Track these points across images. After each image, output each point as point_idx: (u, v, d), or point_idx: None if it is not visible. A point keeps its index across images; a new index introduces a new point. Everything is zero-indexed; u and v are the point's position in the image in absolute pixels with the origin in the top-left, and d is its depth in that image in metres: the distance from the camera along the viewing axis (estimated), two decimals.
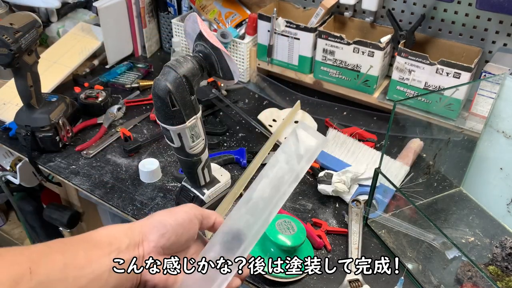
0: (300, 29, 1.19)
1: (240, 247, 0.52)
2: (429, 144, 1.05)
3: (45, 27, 1.44)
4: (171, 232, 0.49)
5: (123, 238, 0.47)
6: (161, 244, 0.49)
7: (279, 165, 0.56)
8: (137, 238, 0.48)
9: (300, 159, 0.56)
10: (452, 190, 1.00)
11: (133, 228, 0.49)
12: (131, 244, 0.47)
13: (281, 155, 0.58)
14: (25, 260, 0.39)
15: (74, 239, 0.46)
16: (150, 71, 1.40)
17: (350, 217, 0.89)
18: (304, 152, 0.57)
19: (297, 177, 0.56)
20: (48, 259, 0.41)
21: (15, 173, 1.22)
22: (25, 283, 0.37)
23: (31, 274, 0.38)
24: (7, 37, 0.90)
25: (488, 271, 0.80)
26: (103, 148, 1.09)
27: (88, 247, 0.45)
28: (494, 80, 0.94)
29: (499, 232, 0.90)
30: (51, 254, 0.41)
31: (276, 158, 0.57)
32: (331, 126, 1.14)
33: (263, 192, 0.55)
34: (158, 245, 0.49)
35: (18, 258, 0.39)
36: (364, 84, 1.17)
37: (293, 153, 0.57)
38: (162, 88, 0.70)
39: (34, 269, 0.38)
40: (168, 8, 1.46)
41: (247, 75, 1.34)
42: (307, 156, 0.57)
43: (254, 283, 0.78)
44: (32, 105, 1.03)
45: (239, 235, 0.53)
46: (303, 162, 0.56)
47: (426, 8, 1.12)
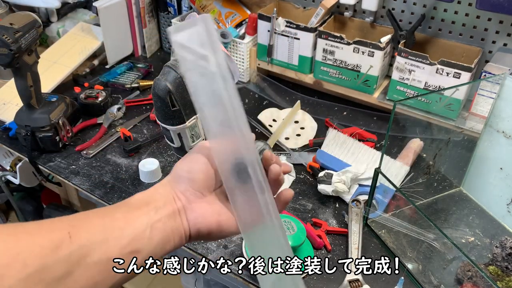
0: (300, 29, 1.19)
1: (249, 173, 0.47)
2: (429, 144, 1.05)
3: (45, 27, 1.44)
4: (198, 174, 0.48)
5: (158, 197, 0.47)
6: (194, 189, 0.48)
7: (200, 87, 0.46)
8: (170, 194, 0.48)
9: (207, 58, 0.45)
10: (452, 190, 1.00)
11: (164, 185, 0.49)
12: (167, 200, 0.47)
13: (194, 78, 0.46)
14: (64, 226, 0.40)
15: (111, 206, 0.46)
16: (150, 71, 1.40)
17: (350, 217, 0.89)
18: (204, 49, 0.45)
19: (225, 78, 0.45)
20: (87, 224, 0.41)
21: (15, 173, 1.23)
22: (66, 247, 0.38)
23: (71, 238, 0.38)
24: (7, 37, 0.90)
25: (488, 271, 0.80)
26: (103, 148, 1.09)
27: (127, 210, 0.45)
28: (494, 80, 0.94)
29: (499, 232, 0.90)
30: (90, 219, 0.42)
31: (193, 86, 0.46)
32: (331, 126, 1.14)
33: (217, 116, 0.47)
34: (192, 191, 0.48)
35: (57, 224, 0.40)
36: (364, 84, 1.17)
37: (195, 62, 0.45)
38: (162, 88, 0.70)
39: (73, 233, 0.39)
40: (168, 8, 1.46)
41: (247, 75, 1.34)
42: (208, 49, 0.45)
43: (254, 283, 0.79)
44: (32, 105, 1.03)
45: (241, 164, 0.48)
46: (213, 58, 0.45)
47: (426, 8, 1.12)
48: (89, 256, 0.39)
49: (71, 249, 0.38)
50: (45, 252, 0.37)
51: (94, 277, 0.40)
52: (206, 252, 0.85)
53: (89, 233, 0.40)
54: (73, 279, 0.38)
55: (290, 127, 1.17)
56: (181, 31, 0.44)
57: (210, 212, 0.47)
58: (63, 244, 0.38)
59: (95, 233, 0.41)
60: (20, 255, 0.36)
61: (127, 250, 0.42)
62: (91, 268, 0.39)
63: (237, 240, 0.87)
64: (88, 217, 0.42)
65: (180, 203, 0.47)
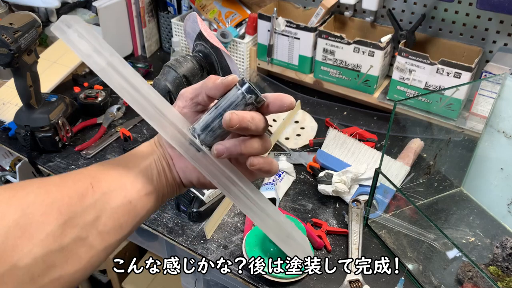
0: (300, 28, 1.19)
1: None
2: (430, 144, 1.05)
3: (44, 26, 1.44)
4: (186, 97, 0.49)
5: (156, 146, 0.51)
6: (186, 107, 0.49)
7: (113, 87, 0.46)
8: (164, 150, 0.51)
9: (100, 53, 0.44)
10: (453, 190, 1.00)
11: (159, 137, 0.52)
12: (161, 144, 0.51)
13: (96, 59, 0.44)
14: (86, 177, 0.44)
15: (122, 157, 0.50)
16: (150, 71, 1.40)
17: (350, 217, 0.89)
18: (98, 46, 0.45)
19: (115, 67, 0.45)
20: (105, 174, 0.46)
21: (14, 173, 1.22)
22: (90, 195, 0.42)
23: (93, 188, 0.43)
24: (6, 37, 0.90)
25: (489, 271, 0.80)
26: (103, 148, 1.09)
27: (136, 160, 0.49)
28: (494, 80, 0.94)
29: (500, 232, 0.90)
30: (107, 170, 0.46)
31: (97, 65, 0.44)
32: (331, 126, 1.14)
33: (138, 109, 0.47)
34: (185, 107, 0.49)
35: (79, 176, 0.44)
36: (364, 84, 1.17)
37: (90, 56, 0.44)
38: (162, 88, 0.70)
39: (95, 183, 0.43)
40: (168, 7, 1.45)
41: (247, 75, 1.34)
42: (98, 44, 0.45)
43: (254, 283, 0.78)
44: (32, 105, 1.03)
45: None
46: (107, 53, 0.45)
47: (427, 8, 1.12)
48: (112, 201, 0.44)
49: (95, 197, 0.43)
50: (74, 201, 0.41)
51: (119, 219, 0.44)
52: (206, 252, 0.85)
53: (108, 182, 0.45)
54: (101, 223, 0.42)
55: (290, 127, 1.17)
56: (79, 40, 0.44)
57: (191, 167, 0.49)
58: (88, 193, 0.42)
59: (113, 181, 0.45)
60: (54, 204, 0.40)
61: (142, 192, 0.47)
62: (115, 211, 0.44)
63: (237, 240, 0.87)
64: (105, 169, 0.46)
65: (170, 157, 0.50)
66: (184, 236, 0.88)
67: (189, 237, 0.88)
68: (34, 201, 0.39)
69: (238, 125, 0.43)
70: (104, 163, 0.48)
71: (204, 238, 0.87)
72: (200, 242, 0.87)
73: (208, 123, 0.46)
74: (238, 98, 0.44)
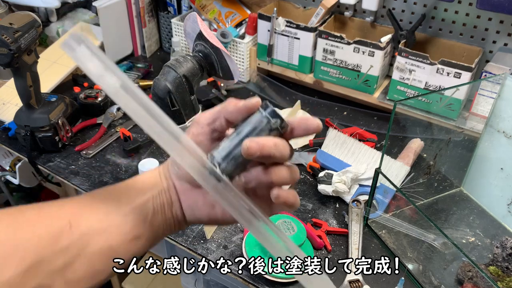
0: (300, 28, 1.19)
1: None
2: (430, 144, 1.05)
3: (44, 26, 1.44)
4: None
5: (160, 178, 0.46)
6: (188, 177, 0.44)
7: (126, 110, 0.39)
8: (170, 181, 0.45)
9: (111, 73, 0.38)
10: (453, 190, 1.00)
11: (165, 166, 0.46)
12: (166, 176, 0.45)
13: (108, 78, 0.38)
14: (65, 213, 0.39)
15: (117, 186, 0.44)
16: (150, 71, 1.40)
17: (350, 217, 0.89)
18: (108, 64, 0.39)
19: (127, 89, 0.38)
20: (89, 210, 0.40)
21: (14, 173, 1.22)
22: (66, 237, 0.37)
23: (71, 228, 0.37)
24: (6, 37, 0.90)
25: (489, 271, 0.80)
26: (103, 148, 1.09)
27: (131, 194, 0.43)
28: (494, 80, 0.94)
29: (500, 233, 0.90)
30: (94, 204, 0.41)
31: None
32: (331, 126, 1.14)
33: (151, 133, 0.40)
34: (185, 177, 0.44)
35: (59, 212, 0.39)
36: (364, 84, 1.17)
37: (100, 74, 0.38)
38: (162, 88, 0.70)
39: (74, 221, 0.38)
40: (168, 7, 1.45)
41: (247, 75, 1.34)
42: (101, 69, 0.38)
43: (254, 283, 0.78)
44: (32, 105, 1.03)
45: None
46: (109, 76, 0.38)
47: (427, 8, 1.12)
48: (90, 245, 0.38)
49: (71, 239, 0.37)
50: (44, 244, 0.36)
51: (94, 265, 0.39)
52: (206, 252, 0.85)
53: (90, 221, 0.39)
54: (72, 270, 0.37)
55: None
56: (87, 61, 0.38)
57: (201, 202, 0.44)
58: (63, 234, 0.37)
59: (97, 220, 0.40)
60: (20, 246, 0.35)
61: (129, 236, 0.41)
62: (91, 257, 0.38)
63: (237, 240, 0.87)
64: (93, 203, 0.41)
65: (175, 192, 0.45)
66: (184, 236, 0.88)
67: (189, 237, 0.88)
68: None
69: (259, 153, 0.38)
70: (94, 194, 0.43)
71: (204, 238, 0.87)
72: (200, 242, 0.87)
73: (230, 150, 0.41)
74: (262, 122, 0.40)
